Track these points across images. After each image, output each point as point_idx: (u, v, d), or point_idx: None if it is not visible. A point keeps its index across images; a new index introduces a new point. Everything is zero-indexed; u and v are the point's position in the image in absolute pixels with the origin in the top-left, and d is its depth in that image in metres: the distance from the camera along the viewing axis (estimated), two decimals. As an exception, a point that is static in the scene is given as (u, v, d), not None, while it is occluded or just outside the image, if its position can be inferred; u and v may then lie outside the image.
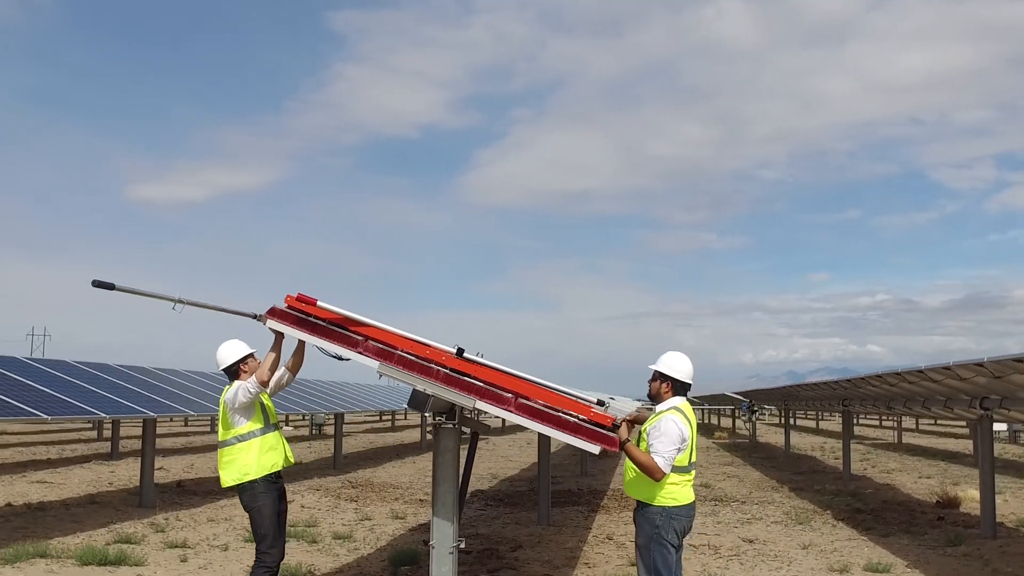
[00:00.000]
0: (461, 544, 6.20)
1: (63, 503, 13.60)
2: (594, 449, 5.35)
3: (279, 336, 6.16)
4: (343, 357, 5.85)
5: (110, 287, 4.74)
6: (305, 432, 39.36)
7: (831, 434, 42.04)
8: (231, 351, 6.64)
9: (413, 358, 5.72)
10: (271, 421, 6.65)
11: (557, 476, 19.43)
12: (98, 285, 4.72)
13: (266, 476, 6.49)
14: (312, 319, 5.83)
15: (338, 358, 5.88)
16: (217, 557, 9.61)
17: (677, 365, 5.98)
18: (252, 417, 6.51)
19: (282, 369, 6.65)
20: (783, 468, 23.13)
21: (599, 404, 6.14)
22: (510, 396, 5.58)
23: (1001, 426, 32.32)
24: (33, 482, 16.74)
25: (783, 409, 32.46)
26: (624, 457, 5.92)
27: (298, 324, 5.84)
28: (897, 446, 32.56)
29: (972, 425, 24.09)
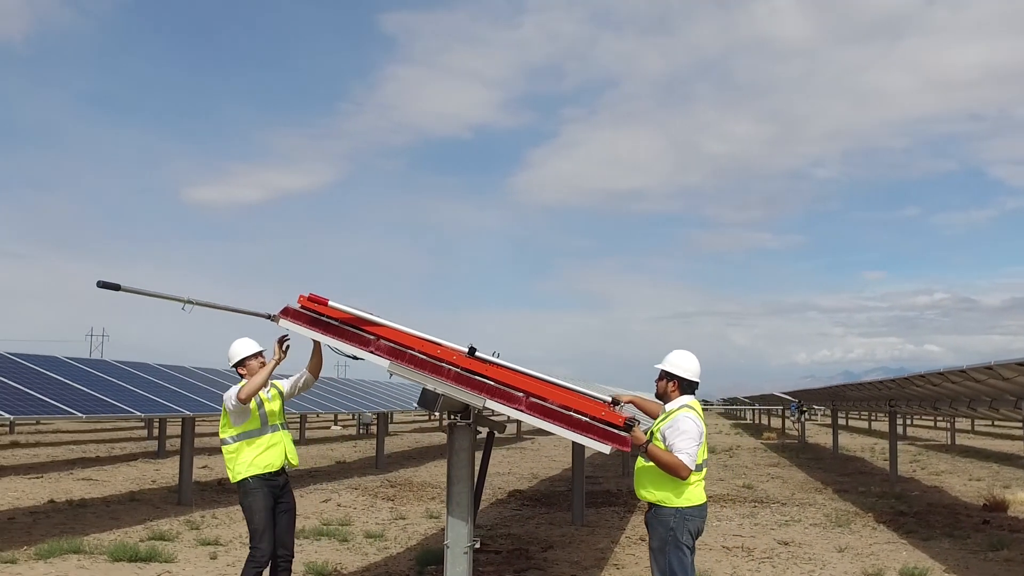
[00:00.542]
0: (476, 544, 6.17)
1: (104, 500, 13.83)
2: (605, 449, 5.29)
3: (278, 359, 6.47)
4: (357, 356, 5.86)
5: (116, 288, 4.76)
6: (352, 431, 39.64)
7: (882, 435, 41.29)
8: (233, 352, 6.73)
9: (424, 357, 5.71)
10: (270, 422, 6.70)
11: (598, 476, 19.32)
12: (103, 286, 4.74)
13: (260, 475, 6.56)
14: (325, 319, 5.84)
15: (353, 357, 5.90)
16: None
17: (684, 363, 5.89)
18: (248, 418, 6.59)
19: (304, 372, 6.78)
20: (829, 469, 22.75)
21: (613, 403, 6.08)
22: (521, 395, 5.54)
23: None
24: (79, 479, 17.05)
25: (832, 409, 31.97)
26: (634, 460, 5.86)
27: (311, 324, 5.86)
28: (950, 447, 31.87)
29: (1026, 426, 23.49)
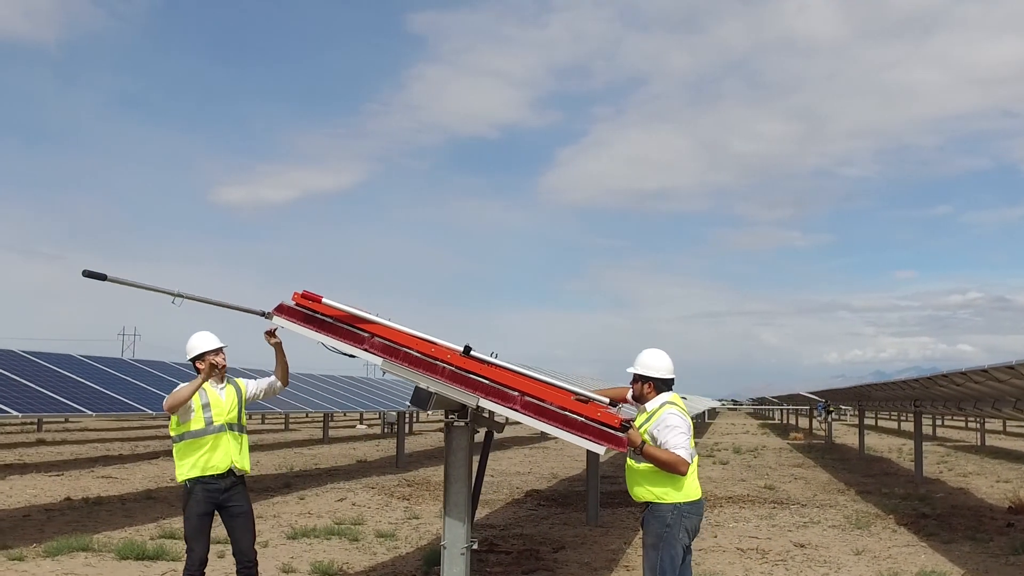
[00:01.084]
0: (474, 545, 6.10)
1: (120, 498, 13.90)
2: (599, 449, 5.20)
3: (206, 373, 6.12)
4: (351, 354, 5.78)
5: (102, 277, 4.71)
6: (377, 430, 39.72)
7: (911, 435, 40.71)
8: (190, 346, 6.30)
9: (419, 355, 5.63)
10: (216, 422, 6.23)
11: (616, 477, 19.13)
12: (89, 275, 4.69)
13: (201, 477, 6.18)
14: (319, 316, 5.78)
15: (350, 355, 5.82)
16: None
17: (655, 363, 5.86)
18: (191, 418, 6.19)
19: (272, 377, 6.55)
20: (854, 470, 22.46)
21: (611, 404, 5.98)
22: (516, 394, 5.45)
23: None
24: (99, 477, 17.16)
25: (858, 409, 31.61)
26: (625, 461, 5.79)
27: (305, 321, 5.79)
28: (979, 448, 31.41)
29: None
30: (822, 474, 21.35)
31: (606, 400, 6.00)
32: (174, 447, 6.30)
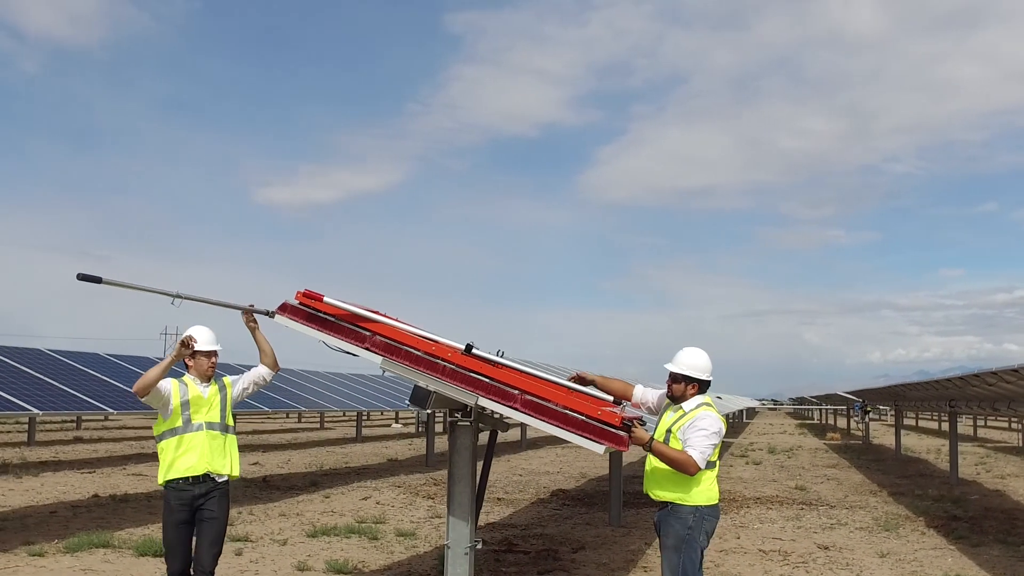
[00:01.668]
0: (478, 544, 6.08)
1: (147, 495, 14.03)
2: (599, 449, 5.16)
3: (176, 353, 5.72)
4: (352, 353, 5.78)
5: (97, 280, 4.73)
6: (412, 429, 39.87)
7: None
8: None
9: (420, 354, 5.62)
10: (194, 420, 5.87)
11: (642, 477, 19.02)
12: (83, 278, 4.71)
13: (177, 480, 5.82)
14: (321, 315, 5.78)
15: (352, 354, 5.81)
16: (272, 552, 9.68)
17: (700, 363, 5.69)
18: (170, 415, 5.85)
19: (258, 368, 6.26)
20: (889, 471, 22.12)
21: (616, 403, 5.92)
22: (516, 393, 5.43)
23: None
24: (130, 475, 17.35)
25: (895, 409, 31.15)
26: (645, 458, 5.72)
27: (308, 320, 5.80)
28: (1020, 450, 30.81)
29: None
30: (856, 475, 21.05)
31: (610, 398, 5.95)
32: (157, 447, 5.94)
